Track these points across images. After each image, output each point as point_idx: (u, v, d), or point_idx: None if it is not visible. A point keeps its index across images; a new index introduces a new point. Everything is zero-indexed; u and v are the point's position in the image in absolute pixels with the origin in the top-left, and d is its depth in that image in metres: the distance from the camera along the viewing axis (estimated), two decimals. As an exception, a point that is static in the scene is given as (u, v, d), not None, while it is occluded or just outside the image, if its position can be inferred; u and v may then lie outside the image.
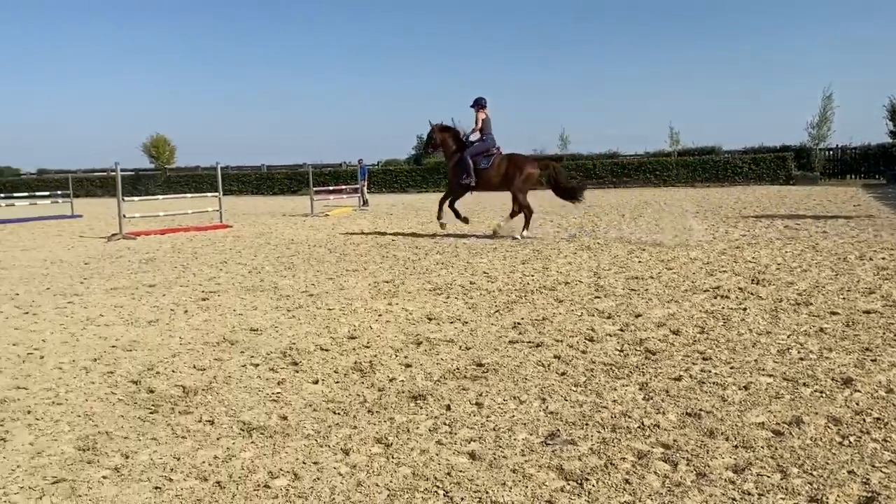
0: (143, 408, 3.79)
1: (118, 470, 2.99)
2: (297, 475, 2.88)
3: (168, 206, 20.53)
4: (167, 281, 8.22)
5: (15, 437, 3.41)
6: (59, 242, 13.75)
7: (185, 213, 17.33)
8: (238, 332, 5.48)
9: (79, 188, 38.46)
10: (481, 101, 12.53)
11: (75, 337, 5.49)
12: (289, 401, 3.84)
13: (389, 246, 11.41)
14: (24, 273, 9.30)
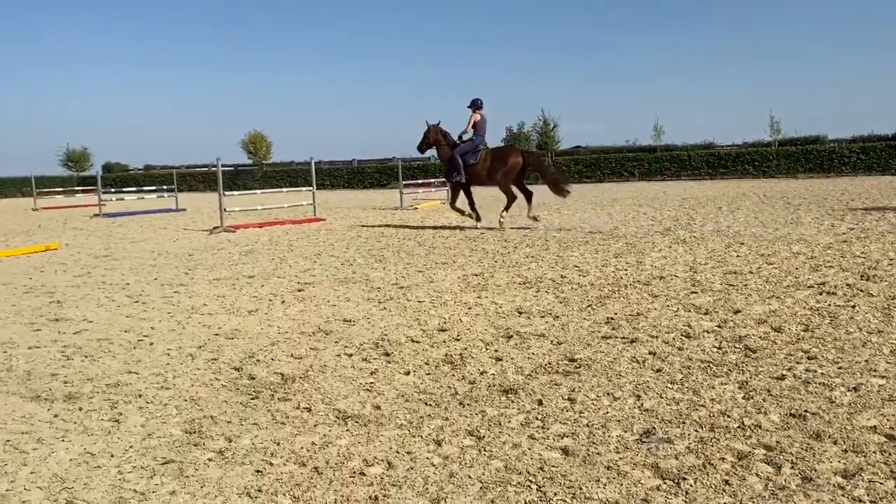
0: (245, 394, 3.95)
1: (222, 453, 3.13)
2: (391, 464, 2.94)
3: (265, 200, 21.26)
4: (265, 272, 8.52)
5: (128, 419, 3.61)
6: (165, 235, 14.46)
7: (281, 207, 17.89)
8: (332, 323, 5.63)
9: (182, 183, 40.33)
10: (477, 102, 13.29)
11: (181, 325, 5.76)
12: (381, 391, 3.92)
13: (478, 239, 11.44)
14: (133, 264, 9.84)
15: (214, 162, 15.57)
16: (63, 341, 5.33)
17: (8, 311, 6.61)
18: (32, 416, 3.71)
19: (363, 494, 2.67)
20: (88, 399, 3.95)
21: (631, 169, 39.17)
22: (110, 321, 6.00)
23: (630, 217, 14.73)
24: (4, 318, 6.25)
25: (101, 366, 4.63)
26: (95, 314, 6.32)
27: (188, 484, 2.82)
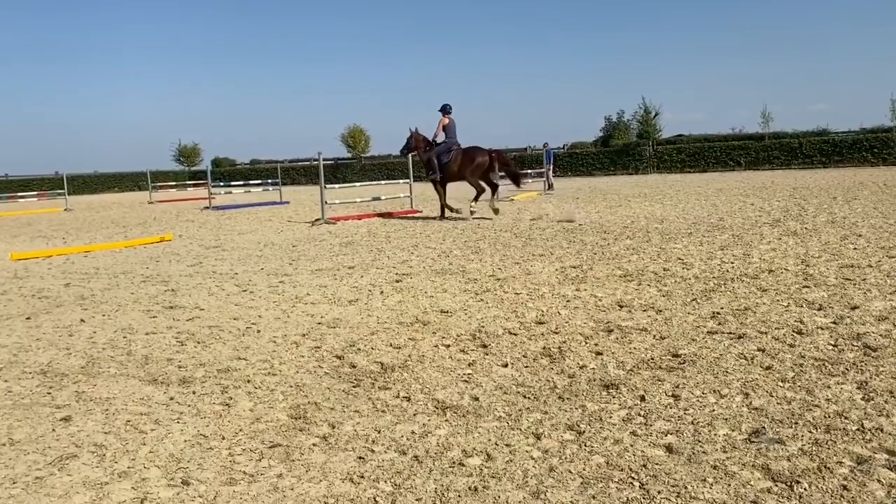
0: (347, 381, 4.04)
1: (326, 438, 3.21)
2: (490, 456, 2.93)
3: (364, 193, 21.71)
4: (364, 263, 8.70)
5: (237, 403, 3.77)
6: (270, 227, 15.00)
7: (379, 199, 18.22)
8: (430, 314, 5.68)
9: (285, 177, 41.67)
10: (446, 108, 14.95)
11: (286, 314, 5.96)
12: (479, 382, 3.92)
13: (576, 230, 11.27)
14: (241, 254, 10.26)
15: (316, 156, 16.01)
16: (177, 328, 5.62)
17: (127, 298, 7.03)
18: (150, 398, 3.93)
19: (462, 485, 2.68)
20: (201, 383, 4.14)
21: (736, 158, 37.60)
22: (220, 309, 6.27)
23: (736, 208, 14.15)
24: (124, 306, 6.65)
25: (213, 352, 4.85)
26: (207, 302, 6.62)
27: (294, 468, 2.92)
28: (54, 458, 3.15)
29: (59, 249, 11.90)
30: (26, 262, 10.62)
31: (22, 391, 4.16)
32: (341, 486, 2.72)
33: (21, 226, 19.15)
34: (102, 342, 5.26)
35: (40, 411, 3.79)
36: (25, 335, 5.61)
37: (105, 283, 8.13)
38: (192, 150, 52.74)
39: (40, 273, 9.23)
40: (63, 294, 7.48)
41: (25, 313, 6.50)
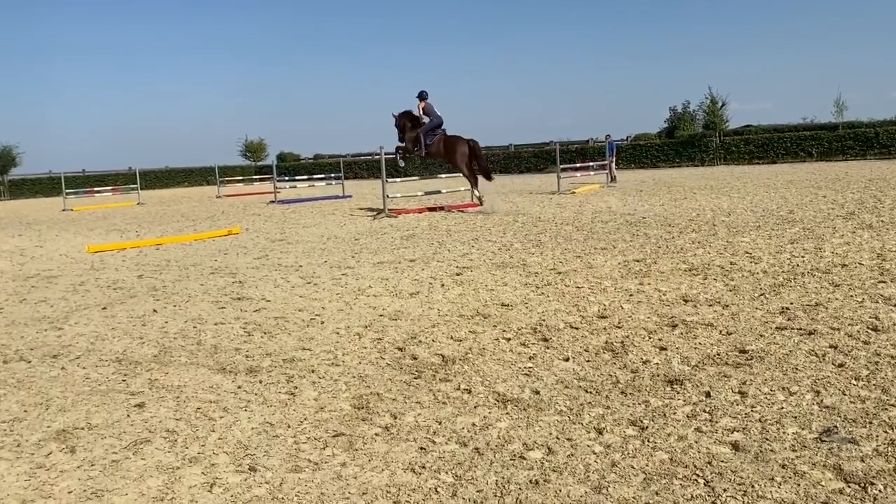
0: (408, 373, 4.08)
1: (388, 429, 3.26)
2: (551, 449, 2.92)
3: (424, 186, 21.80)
4: (425, 256, 8.76)
5: (302, 393, 3.85)
6: (333, 220, 15.24)
7: (440, 193, 18.27)
8: (490, 307, 5.68)
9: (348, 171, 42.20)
10: (422, 94, 16.16)
11: (349, 305, 6.05)
12: (540, 376, 3.91)
13: (639, 224, 11.08)
14: (305, 247, 10.46)
15: (377, 150, 16.15)
16: (244, 318, 5.77)
17: (197, 290, 7.25)
18: (219, 386, 4.06)
19: (524, 478, 2.68)
20: (267, 372, 4.25)
21: (808, 148, 36.29)
22: (286, 301, 6.42)
23: (807, 200, 13.68)
24: (194, 297, 6.86)
25: (278, 342, 4.97)
26: (273, 294, 6.78)
27: (357, 457, 2.97)
28: (129, 443, 3.28)
29: (132, 242, 12.36)
30: (102, 254, 11.06)
31: (99, 378, 4.35)
32: (403, 476, 2.75)
33: (97, 219, 19.94)
34: (174, 332, 5.44)
35: (116, 398, 3.95)
36: (102, 324, 5.85)
37: (176, 274, 8.40)
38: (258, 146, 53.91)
39: (115, 265, 9.61)
40: (136, 285, 7.77)
41: (102, 303, 6.78)
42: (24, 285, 8.25)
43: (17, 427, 3.57)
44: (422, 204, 17.68)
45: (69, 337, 5.47)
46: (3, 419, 3.70)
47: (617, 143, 30.33)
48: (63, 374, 4.48)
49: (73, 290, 7.66)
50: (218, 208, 22.58)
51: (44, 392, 4.12)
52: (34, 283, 8.34)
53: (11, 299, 7.34)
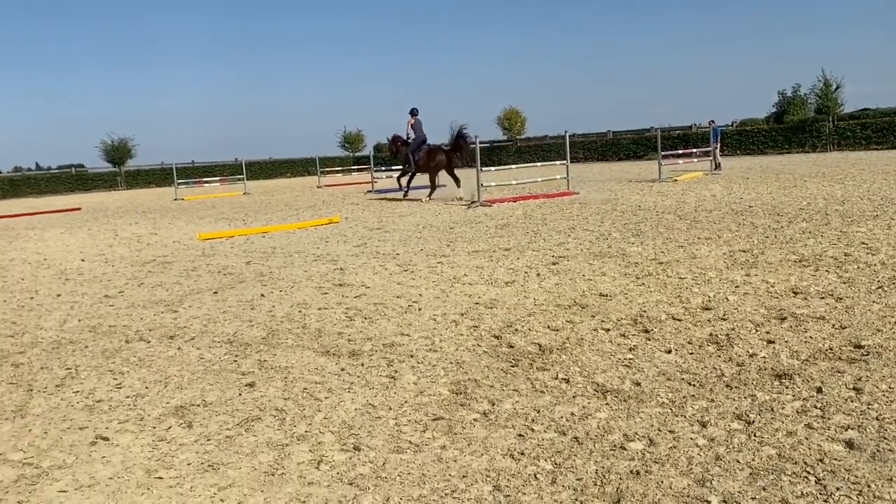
0: (505, 361, 4.10)
1: (486, 415, 3.29)
2: (652, 441, 2.88)
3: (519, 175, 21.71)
4: (520, 245, 8.74)
5: (402, 377, 3.94)
6: (428, 209, 15.41)
7: (535, 181, 18.15)
8: (588, 297, 5.62)
9: (443, 160, 42.45)
10: (413, 111, 18.56)
11: (445, 293, 6.13)
12: (641, 367, 3.84)
13: (746, 213, 10.66)
14: (402, 236, 10.63)
15: (474, 139, 16.19)
16: (346, 304, 5.94)
17: (301, 276, 7.52)
18: (323, 368, 4.20)
19: (624, 468, 2.66)
20: (368, 356, 4.37)
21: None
22: (384, 287, 6.56)
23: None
24: (299, 283, 7.12)
25: (378, 327, 5.09)
26: (372, 280, 6.94)
27: (456, 440, 3.02)
28: (241, 420, 3.45)
29: (240, 230, 12.91)
30: (212, 241, 11.62)
31: (212, 358, 4.59)
32: (502, 462, 2.78)
33: (206, 208, 20.92)
34: (280, 315, 5.67)
35: (228, 377, 4.17)
36: (214, 308, 6.16)
37: (281, 261, 8.73)
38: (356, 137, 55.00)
39: (224, 252, 10.07)
40: (245, 271, 8.12)
41: (213, 288, 7.14)
42: (141, 270, 8.78)
43: (140, 402, 3.83)
44: (516, 193, 17.60)
45: (184, 319, 5.79)
46: (128, 394, 3.97)
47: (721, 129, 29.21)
48: (179, 353, 4.76)
49: (186, 275, 8.09)
50: (319, 198, 23.21)
51: (162, 370, 4.39)
52: (150, 269, 8.86)
53: (131, 283, 7.82)
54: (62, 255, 11.10)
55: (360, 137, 55.36)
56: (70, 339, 5.36)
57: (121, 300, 6.84)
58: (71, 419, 3.64)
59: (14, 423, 3.64)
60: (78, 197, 37.26)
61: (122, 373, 4.40)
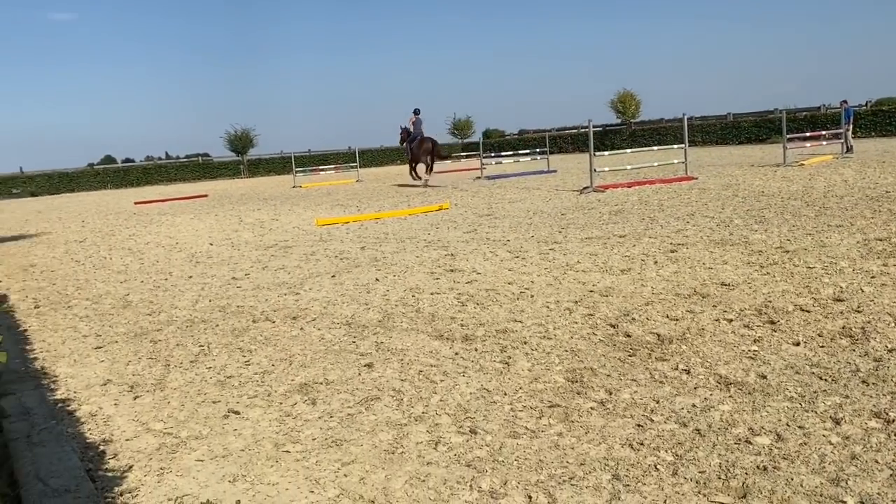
0: (622, 350, 4.03)
1: (603, 404, 3.25)
2: (780, 436, 2.76)
3: (634, 160, 21.17)
4: (636, 232, 8.53)
5: (516, 363, 3.95)
6: (539, 195, 15.29)
7: (651, 166, 17.64)
8: (709, 286, 5.42)
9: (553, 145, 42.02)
10: (416, 110, 22.06)
11: (558, 280, 6.08)
12: (767, 360, 3.68)
13: (882, 198, 9.94)
14: (512, 222, 10.61)
15: (584, 123, 15.89)
16: (458, 289, 6.00)
17: (413, 261, 7.65)
18: (438, 352, 4.28)
19: (750, 463, 2.56)
20: (482, 341, 4.41)
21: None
22: (495, 274, 6.58)
23: None
24: (411, 268, 7.25)
25: (490, 313, 5.12)
26: (482, 267, 6.98)
27: (573, 428, 3.00)
28: (361, 399, 3.57)
29: (354, 216, 13.28)
30: (329, 227, 12.01)
31: (332, 339, 4.76)
32: (621, 451, 2.74)
33: (322, 195, 21.63)
34: (395, 299, 5.80)
35: (347, 357, 4.31)
36: (332, 291, 6.38)
37: (394, 246, 8.92)
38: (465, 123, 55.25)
39: (340, 237, 10.40)
40: (360, 256, 8.36)
41: (331, 272, 7.39)
42: (265, 254, 9.20)
43: (267, 379, 4.03)
44: (631, 178, 17.17)
45: (305, 301, 6.03)
46: (256, 371, 4.19)
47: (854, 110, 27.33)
48: (302, 333, 4.97)
49: (305, 259, 8.42)
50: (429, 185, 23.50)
51: (287, 349, 4.60)
52: (273, 253, 9.27)
53: (256, 266, 8.22)
54: (192, 239, 11.80)
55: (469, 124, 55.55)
56: (202, 318, 5.70)
57: (247, 282, 7.21)
58: (205, 393, 3.88)
59: (154, 396, 3.92)
60: (204, 184, 39.41)
61: (250, 350, 4.64)
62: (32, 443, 3.25)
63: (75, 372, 4.51)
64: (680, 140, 17.16)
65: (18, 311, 6.69)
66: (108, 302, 6.79)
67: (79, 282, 8.20)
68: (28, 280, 8.67)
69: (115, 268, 9.09)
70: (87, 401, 3.92)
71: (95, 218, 18.69)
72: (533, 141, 46.84)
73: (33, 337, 5.55)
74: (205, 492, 2.71)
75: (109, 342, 5.20)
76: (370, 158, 49.74)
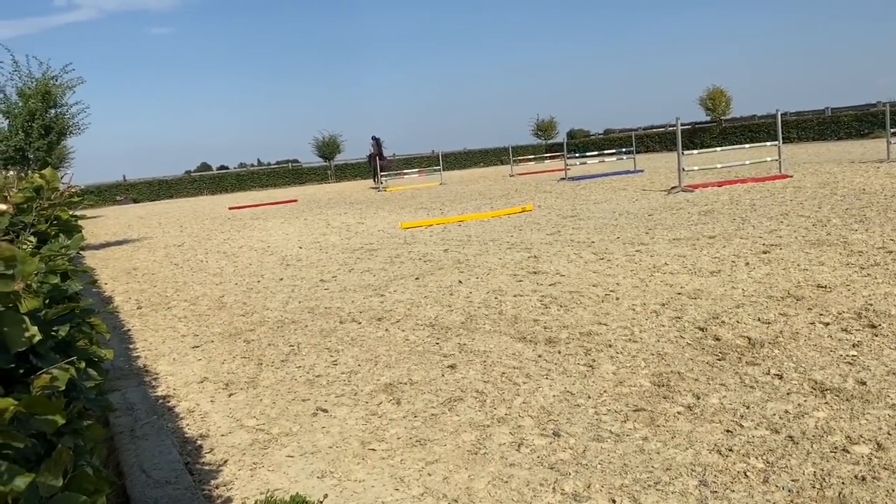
0: (710, 354, 3.93)
1: (691, 408, 3.18)
2: (880, 445, 2.63)
3: (724, 158, 20.49)
4: (726, 233, 8.27)
5: (600, 366, 3.91)
6: (625, 196, 15.02)
7: (742, 165, 17.04)
8: (804, 288, 5.21)
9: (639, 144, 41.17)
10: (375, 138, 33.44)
11: (644, 282, 5.97)
12: (867, 365, 3.51)
13: None
14: (597, 223, 10.47)
15: (671, 122, 15.51)
16: (541, 291, 5.98)
17: (496, 263, 7.67)
18: (520, 354, 4.28)
19: (847, 472, 2.46)
20: (565, 344, 4.38)
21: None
22: (579, 276, 6.52)
23: None
24: (494, 270, 7.27)
25: (574, 315, 5.08)
26: (566, 269, 6.93)
27: (659, 433, 2.95)
28: (445, 400, 3.62)
29: (437, 219, 13.41)
30: (412, 230, 12.18)
31: (416, 340, 4.84)
32: (709, 457, 2.68)
33: (406, 198, 21.93)
34: (477, 301, 5.83)
35: (431, 358, 4.37)
36: (416, 293, 6.47)
37: (477, 249, 8.96)
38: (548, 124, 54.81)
39: (424, 240, 10.52)
40: (443, 258, 8.44)
41: (414, 274, 7.49)
42: (351, 257, 9.42)
43: (354, 379, 4.13)
44: (721, 177, 16.64)
45: (390, 303, 6.14)
46: (343, 371, 4.31)
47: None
48: (387, 334, 5.06)
49: (390, 262, 8.56)
50: (511, 186, 23.46)
51: (372, 349, 4.70)
52: (359, 255, 9.47)
53: (342, 269, 8.42)
54: (282, 242, 12.19)
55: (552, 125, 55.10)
56: (292, 319, 5.89)
57: (334, 284, 7.40)
58: (295, 391, 4.02)
59: (247, 393, 4.09)
60: (294, 189, 40.61)
61: (338, 351, 4.77)
62: (136, 436, 3.45)
63: (174, 370, 4.75)
64: (773, 137, 16.51)
65: (122, 311, 7.09)
66: (204, 303, 7.11)
67: (177, 284, 8.61)
68: (131, 282, 9.18)
69: (211, 270, 9.50)
70: (185, 397, 4.13)
71: (192, 223, 19.56)
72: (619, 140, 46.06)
73: (136, 336, 5.88)
74: (294, 486, 2.81)
75: (206, 342, 5.45)
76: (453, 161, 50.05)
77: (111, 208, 36.64)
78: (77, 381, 1.32)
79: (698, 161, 21.10)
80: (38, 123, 15.29)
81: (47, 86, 15.33)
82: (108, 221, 23.58)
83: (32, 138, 15.36)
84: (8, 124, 15.49)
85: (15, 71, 15.19)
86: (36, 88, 15.24)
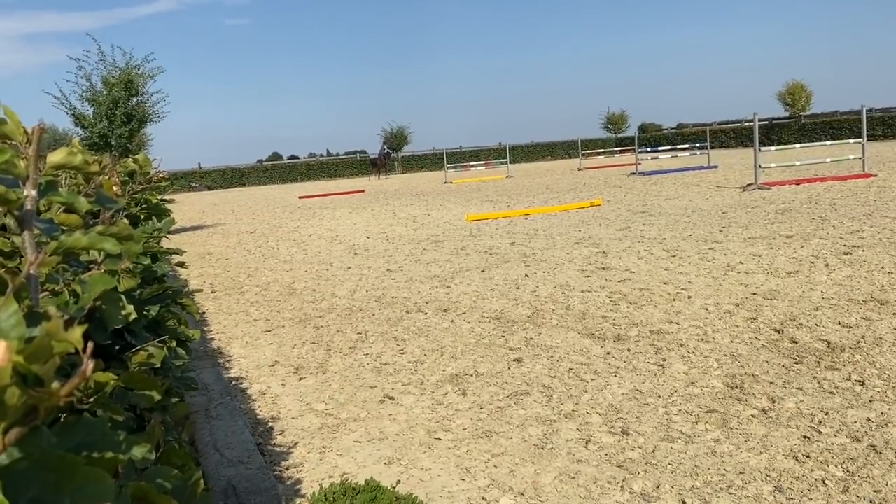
0: (787, 357, 3.81)
1: (765, 412, 3.09)
2: (971, 460, 2.50)
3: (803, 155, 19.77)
4: (805, 232, 7.98)
5: (671, 365, 3.84)
6: (698, 192, 14.65)
7: (823, 162, 16.39)
8: (888, 292, 4.99)
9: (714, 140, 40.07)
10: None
11: (717, 281, 5.82)
12: (957, 375, 3.34)
13: None
14: (668, 220, 10.25)
15: (748, 117, 15.03)
16: (609, 288, 5.90)
17: (563, 258, 7.60)
18: (588, 350, 4.24)
19: (935, 487, 2.34)
20: (635, 342, 4.31)
21: None
22: (650, 273, 6.40)
23: None
24: (561, 265, 7.21)
25: (644, 313, 4.99)
26: (636, 265, 6.81)
27: (732, 435, 2.88)
28: (511, 393, 3.61)
29: (504, 212, 13.36)
30: (478, 222, 12.17)
31: (482, 332, 4.84)
32: (784, 462, 2.60)
33: (472, 191, 21.93)
34: (544, 296, 5.80)
35: (497, 351, 4.37)
36: (482, 285, 6.47)
37: (543, 243, 8.90)
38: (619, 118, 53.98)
39: (490, 232, 10.51)
40: (509, 251, 8.41)
41: (480, 266, 7.50)
42: (417, 248, 9.49)
43: (420, 368, 4.17)
44: (800, 175, 16.05)
45: (455, 294, 6.17)
46: (409, 360, 4.35)
47: None
48: (452, 326, 5.09)
49: (456, 254, 8.59)
50: (580, 180, 23.19)
51: (438, 340, 4.73)
52: (425, 247, 9.53)
53: (409, 259, 8.49)
54: (350, 232, 12.37)
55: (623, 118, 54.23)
56: (360, 307, 5.98)
57: (400, 274, 7.47)
58: (363, 378, 4.08)
59: (317, 378, 4.18)
60: (361, 180, 41.14)
61: (404, 340, 4.82)
62: (210, 416, 3.56)
63: (247, 353, 4.89)
64: (856, 134, 15.81)
65: (197, 295, 7.33)
66: (275, 289, 7.28)
67: (250, 269, 8.85)
68: (206, 267, 9.47)
69: (282, 257, 9.72)
70: (257, 380, 4.25)
71: (264, 210, 20.05)
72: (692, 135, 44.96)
73: (210, 319, 6.07)
74: (362, 472, 2.86)
75: (277, 326, 5.59)
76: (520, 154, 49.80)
77: (186, 195, 37.85)
78: (167, 360, 1.38)
79: (776, 158, 20.40)
80: (120, 111, 15.91)
81: (130, 74, 15.93)
82: (182, 207, 24.38)
83: (115, 125, 15.99)
84: (93, 111, 16.17)
85: (100, 60, 15.84)
86: (119, 77, 15.86)
